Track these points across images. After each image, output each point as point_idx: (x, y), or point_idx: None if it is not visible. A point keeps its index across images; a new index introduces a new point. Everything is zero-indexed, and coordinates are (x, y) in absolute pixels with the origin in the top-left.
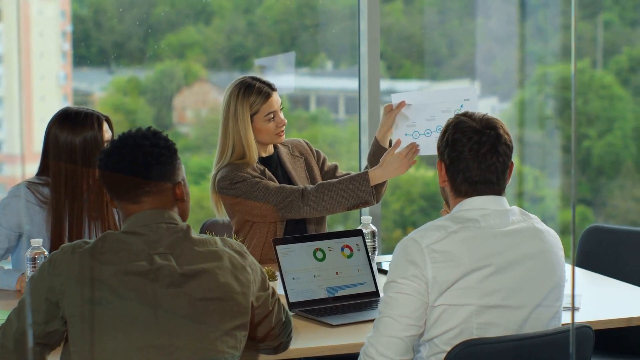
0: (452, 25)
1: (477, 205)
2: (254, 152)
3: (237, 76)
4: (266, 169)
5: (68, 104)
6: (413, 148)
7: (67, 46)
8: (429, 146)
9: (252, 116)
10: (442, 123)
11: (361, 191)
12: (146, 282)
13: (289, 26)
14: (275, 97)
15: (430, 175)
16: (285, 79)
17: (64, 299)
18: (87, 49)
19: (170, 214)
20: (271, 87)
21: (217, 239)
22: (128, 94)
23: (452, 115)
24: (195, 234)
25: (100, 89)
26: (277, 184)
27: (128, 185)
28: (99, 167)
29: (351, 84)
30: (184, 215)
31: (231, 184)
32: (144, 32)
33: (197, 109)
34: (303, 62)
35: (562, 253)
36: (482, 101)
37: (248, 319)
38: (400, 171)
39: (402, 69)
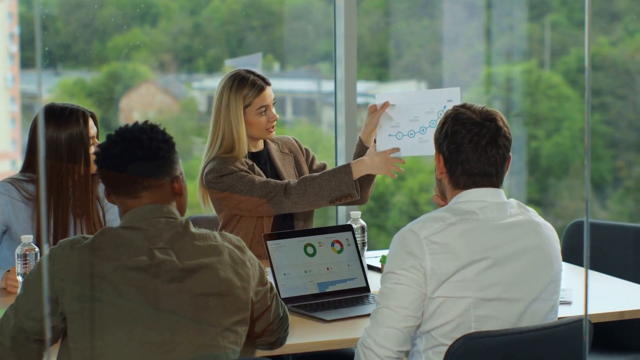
0: (398, 27)
1: (474, 197)
2: (244, 146)
3: (184, 77)
4: (255, 165)
5: (16, 106)
6: (395, 152)
7: (15, 48)
8: (413, 147)
9: (244, 109)
10: (426, 124)
11: (344, 184)
12: (147, 278)
13: (235, 27)
14: (269, 91)
15: (378, 177)
16: None
17: (63, 296)
18: (33, 52)
19: (169, 208)
20: (265, 81)
21: (216, 233)
22: (75, 95)
23: (435, 117)
24: (194, 228)
25: (47, 91)
26: (263, 178)
27: (126, 180)
28: (97, 162)
29: (298, 85)
30: (181, 210)
31: (218, 177)
32: (90, 34)
33: (144, 110)
34: (250, 64)
35: (558, 247)
36: None
37: (248, 314)
38: (383, 170)
39: None
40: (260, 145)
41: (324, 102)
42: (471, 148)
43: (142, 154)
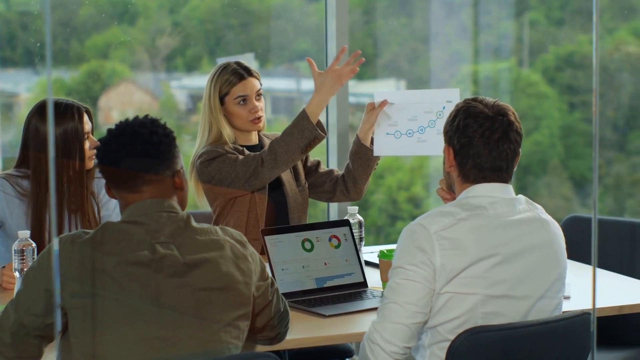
0: (377, 25)
1: (484, 192)
2: (228, 133)
3: (163, 76)
4: (245, 149)
5: None
6: (349, 58)
7: None
8: (411, 147)
9: (223, 97)
10: (424, 124)
11: (306, 130)
12: (149, 272)
13: (214, 26)
14: (250, 82)
15: None
16: None
17: (64, 291)
18: (12, 50)
19: (170, 202)
20: (248, 72)
21: (217, 228)
22: (54, 94)
23: (434, 117)
24: (195, 222)
25: (26, 90)
26: (245, 154)
27: (127, 174)
28: (97, 157)
29: (277, 83)
30: (182, 204)
31: (207, 161)
32: (69, 33)
33: (123, 109)
34: None
35: (564, 244)
36: None
37: (250, 309)
38: (339, 84)
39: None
40: (254, 140)
41: (303, 100)
42: (483, 142)
43: (143, 149)
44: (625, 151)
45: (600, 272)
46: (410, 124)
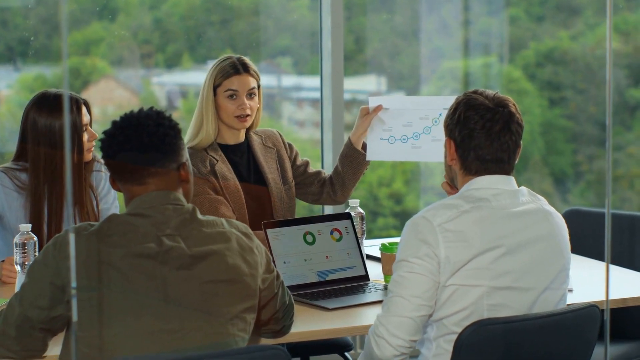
0: (358, 21)
1: (486, 184)
2: (209, 129)
3: (143, 73)
4: (221, 162)
5: None
6: None
7: None
8: (405, 153)
9: (216, 88)
10: (419, 130)
11: None
12: (155, 265)
13: (195, 22)
14: (244, 79)
15: None
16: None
17: (70, 283)
18: None
19: (176, 195)
20: (244, 68)
21: (223, 220)
22: (35, 91)
23: (429, 124)
24: (201, 215)
25: (6, 87)
26: (219, 201)
27: (132, 166)
28: (102, 149)
29: None
30: (187, 197)
31: None
32: (50, 30)
33: (103, 105)
34: (210, 59)
35: (567, 236)
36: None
37: (256, 302)
38: None
39: (308, 64)
40: (241, 138)
41: (284, 96)
42: (484, 134)
43: (149, 141)
44: (606, 147)
45: (602, 264)
46: (405, 129)
